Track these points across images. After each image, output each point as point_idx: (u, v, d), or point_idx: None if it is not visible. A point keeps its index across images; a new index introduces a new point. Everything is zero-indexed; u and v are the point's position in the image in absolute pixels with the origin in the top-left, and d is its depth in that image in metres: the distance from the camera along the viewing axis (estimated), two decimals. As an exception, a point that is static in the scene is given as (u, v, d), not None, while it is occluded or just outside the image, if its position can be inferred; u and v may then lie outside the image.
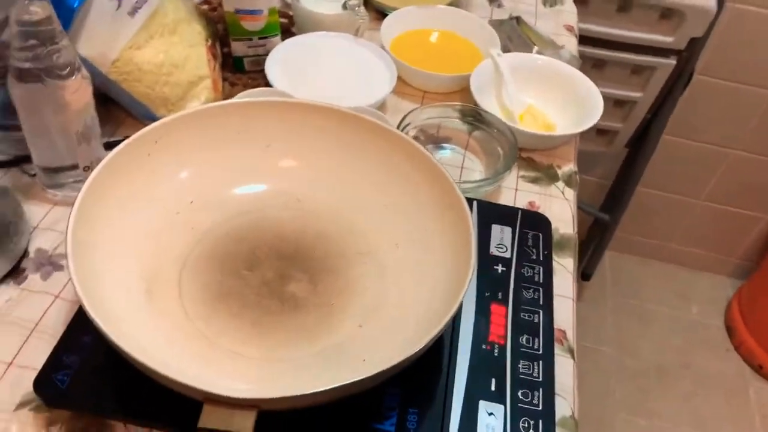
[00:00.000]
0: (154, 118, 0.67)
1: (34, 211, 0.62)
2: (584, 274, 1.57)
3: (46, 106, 0.56)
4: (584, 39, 1.09)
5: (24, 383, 0.49)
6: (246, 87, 0.77)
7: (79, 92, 0.57)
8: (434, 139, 0.75)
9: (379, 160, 0.58)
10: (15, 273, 0.57)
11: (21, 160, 0.65)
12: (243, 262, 0.54)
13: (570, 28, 0.97)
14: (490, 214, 0.62)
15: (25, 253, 0.58)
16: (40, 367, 0.48)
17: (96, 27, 0.62)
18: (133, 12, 0.64)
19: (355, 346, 0.49)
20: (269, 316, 0.51)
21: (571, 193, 0.72)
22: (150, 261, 0.52)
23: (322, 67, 0.78)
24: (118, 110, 0.71)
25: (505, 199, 0.70)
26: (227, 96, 0.74)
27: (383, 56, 0.79)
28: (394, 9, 0.89)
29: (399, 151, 0.57)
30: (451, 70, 0.80)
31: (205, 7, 0.85)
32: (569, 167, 0.75)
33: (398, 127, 0.69)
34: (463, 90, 0.80)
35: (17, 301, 0.55)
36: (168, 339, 0.47)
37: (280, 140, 0.59)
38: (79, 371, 0.47)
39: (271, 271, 0.54)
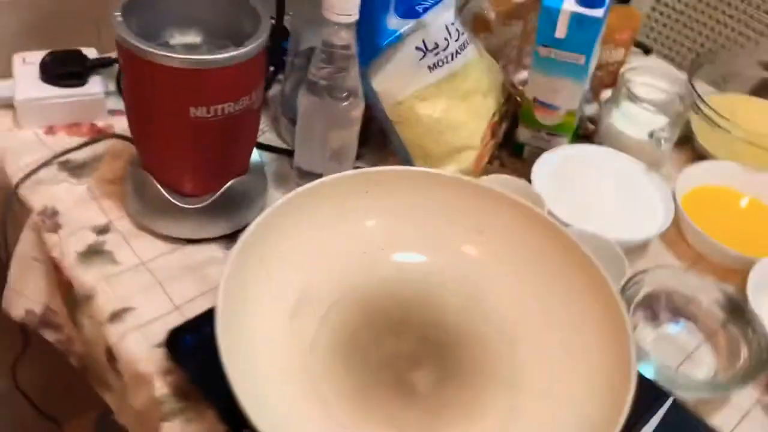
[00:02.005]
0: (411, 164, 0.71)
1: (276, 196, 0.69)
2: None
3: (317, 117, 0.62)
4: None
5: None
6: (514, 173, 0.76)
7: (347, 116, 0.62)
8: (676, 310, 0.64)
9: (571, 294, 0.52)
10: (232, 238, 0.64)
11: (292, 153, 0.73)
12: (389, 324, 0.53)
13: None
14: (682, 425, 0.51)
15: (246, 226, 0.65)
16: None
17: (395, 68, 0.66)
18: (433, 67, 0.67)
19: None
20: (377, 387, 0.49)
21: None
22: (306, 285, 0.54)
23: (593, 184, 0.72)
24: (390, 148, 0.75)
25: (725, 419, 0.56)
26: (486, 172, 0.74)
27: (665, 197, 0.71)
28: (716, 158, 0.79)
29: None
30: (739, 244, 0.67)
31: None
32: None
33: (632, 278, 0.61)
34: (744, 271, 0.67)
35: (219, 261, 0.62)
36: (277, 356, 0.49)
37: (479, 223, 0.57)
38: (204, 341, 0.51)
39: (408, 347, 0.52)
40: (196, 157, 0.58)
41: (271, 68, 0.81)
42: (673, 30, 1.13)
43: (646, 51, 1.02)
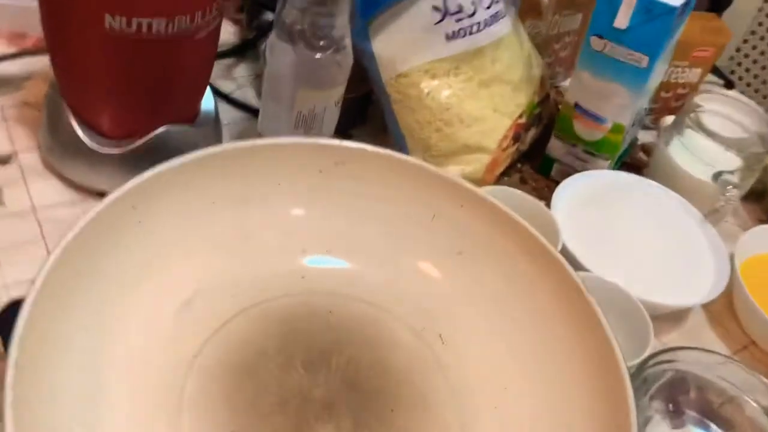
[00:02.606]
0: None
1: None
2: None
3: (286, 70, 0.48)
4: None
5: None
6: (534, 193, 0.61)
7: (323, 72, 0.48)
8: (707, 409, 0.47)
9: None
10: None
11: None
12: (307, 354, 0.39)
13: None
14: None
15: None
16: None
17: (403, 30, 0.52)
18: (452, 37, 0.53)
19: None
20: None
21: None
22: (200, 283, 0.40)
23: (630, 225, 0.56)
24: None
25: None
26: (498, 184, 0.59)
27: (720, 259, 0.54)
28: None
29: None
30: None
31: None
32: None
33: (656, 354, 0.45)
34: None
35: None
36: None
37: (460, 242, 0.42)
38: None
39: (325, 388, 0.37)
40: (113, 85, 0.45)
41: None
42: (765, 69, 0.96)
43: (729, 85, 0.85)
